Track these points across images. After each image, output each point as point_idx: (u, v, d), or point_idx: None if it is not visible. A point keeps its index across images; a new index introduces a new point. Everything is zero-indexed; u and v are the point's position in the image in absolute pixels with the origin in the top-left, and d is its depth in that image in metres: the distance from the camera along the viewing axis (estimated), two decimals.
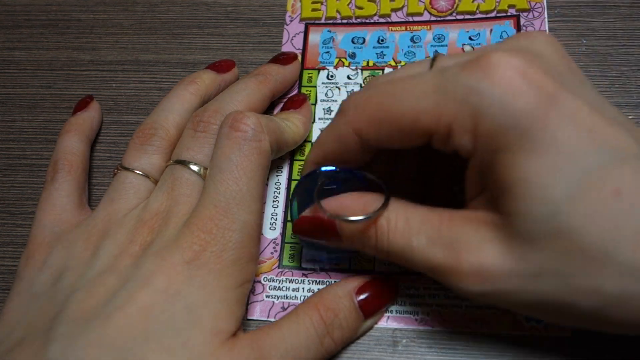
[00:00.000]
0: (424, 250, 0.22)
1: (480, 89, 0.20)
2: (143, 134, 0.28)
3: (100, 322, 0.22)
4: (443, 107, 0.20)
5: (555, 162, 0.19)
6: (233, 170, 0.24)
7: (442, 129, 0.21)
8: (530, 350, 0.25)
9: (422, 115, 0.21)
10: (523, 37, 0.22)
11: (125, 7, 0.37)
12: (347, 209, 0.24)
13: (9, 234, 0.31)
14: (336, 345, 0.25)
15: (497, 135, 0.20)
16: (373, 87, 0.23)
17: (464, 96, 0.20)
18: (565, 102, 0.19)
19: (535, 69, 0.20)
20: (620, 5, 0.33)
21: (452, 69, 0.21)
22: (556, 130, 0.19)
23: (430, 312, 0.27)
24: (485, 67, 0.20)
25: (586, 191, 0.19)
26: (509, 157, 0.19)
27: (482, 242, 0.21)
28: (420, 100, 0.21)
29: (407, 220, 0.23)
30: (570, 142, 0.19)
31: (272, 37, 0.35)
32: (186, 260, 0.23)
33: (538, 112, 0.19)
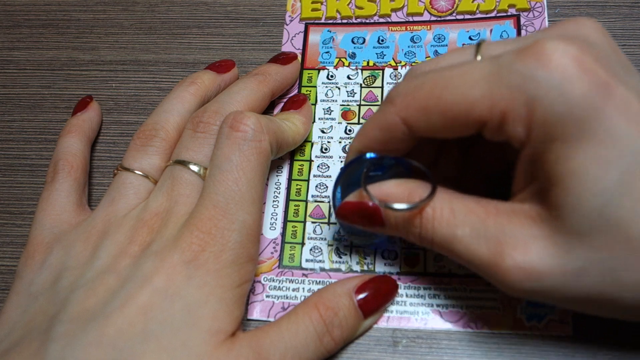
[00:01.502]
0: (469, 243, 0.22)
1: (537, 77, 0.19)
2: (143, 135, 0.28)
3: (99, 322, 0.22)
4: (497, 95, 0.20)
5: (609, 153, 0.19)
6: (233, 170, 0.24)
7: (496, 118, 0.20)
8: (530, 350, 0.25)
9: (476, 104, 0.20)
10: (571, 24, 0.22)
11: (125, 7, 0.37)
12: (394, 196, 0.23)
13: (9, 234, 0.31)
14: (336, 344, 0.25)
15: (552, 124, 0.19)
16: (420, 76, 0.22)
17: (519, 84, 0.20)
18: (618, 93, 0.19)
19: (589, 57, 0.19)
20: (620, 5, 0.33)
21: (505, 56, 0.20)
22: (610, 121, 0.19)
23: (430, 312, 0.27)
24: (541, 55, 0.19)
25: (635, 182, 0.19)
26: (562, 147, 0.19)
27: (528, 237, 0.21)
28: (473, 88, 0.20)
29: (452, 211, 0.22)
30: (624, 134, 0.19)
31: (272, 37, 0.35)
32: (185, 260, 0.23)
33: (593, 102, 0.19)
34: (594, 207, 0.19)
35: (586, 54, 0.19)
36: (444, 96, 0.21)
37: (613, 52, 0.21)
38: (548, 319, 0.26)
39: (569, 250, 0.20)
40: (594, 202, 0.19)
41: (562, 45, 0.19)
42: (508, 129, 0.20)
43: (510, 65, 0.20)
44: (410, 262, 0.28)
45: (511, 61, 0.20)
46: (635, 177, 0.19)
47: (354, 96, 0.32)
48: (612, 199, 0.19)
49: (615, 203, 0.19)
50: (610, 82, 0.19)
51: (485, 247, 0.21)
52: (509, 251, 0.21)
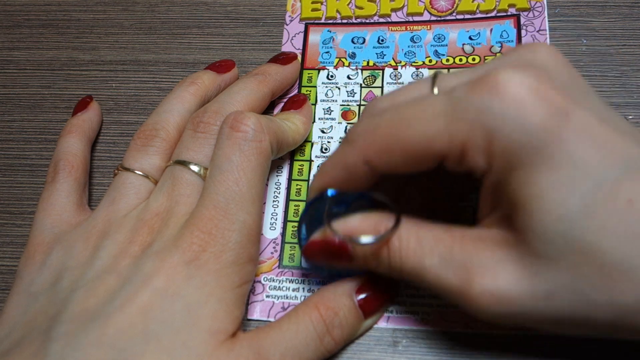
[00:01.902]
0: (437, 272, 0.22)
1: (492, 109, 0.19)
2: (144, 135, 0.28)
3: (99, 322, 0.22)
4: (455, 130, 0.20)
5: (570, 178, 0.19)
6: (233, 170, 0.24)
7: (456, 151, 0.21)
8: (530, 350, 0.25)
9: (435, 139, 0.21)
10: (525, 50, 0.22)
11: (125, 7, 0.37)
12: (359, 230, 0.23)
13: (9, 234, 0.31)
14: (336, 344, 0.25)
15: (511, 153, 0.19)
16: (378, 114, 0.22)
17: (475, 117, 0.20)
18: (576, 117, 0.19)
19: (544, 85, 0.19)
20: (620, 5, 0.33)
21: (459, 89, 0.20)
22: (569, 145, 0.19)
23: (430, 312, 0.27)
24: (495, 86, 0.20)
25: (600, 204, 0.19)
26: (523, 174, 0.19)
27: (495, 263, 0.21)
28: (431, 124, 0.21)
29: (419, 240, 0.22)
30: (584, 157, 0.19)
31: (272, 37, 0.35)
32: (186, 260, 0.23)
33: (551, 128, 0.19)
34: (559, 231, 0.19)
35: (542, 82, 0.19)
36: (403, 134, 0.21)
37: (570, 76, 0.21)
38: None
39: (536, 274, 0.20)
40: (558, 226, 0.19)
41: (516, 75, 0.20)
42: (469, 160, 0.21)
43: (465, 99, 0.20)
44: None
45: (466, 94, 0.20)
46: (599, 198, 0.19)
47: (354, 96, 0.32)
48: (576, 222, 0.19)
49: (579, 226, 0.19)
50: (567, 107, 0.19)
51: (453, 275, 0.21)
52: (477, 278, 0.21)
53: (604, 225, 0.19)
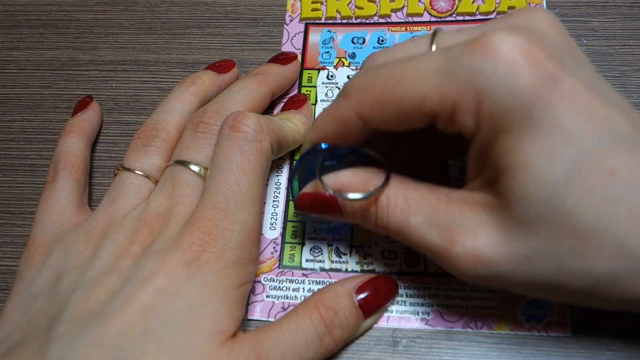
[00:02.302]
0: (421, 230, 0.22)
1: (484, 70, 0.19)
2: (144, 135, 0.28)
3: (100, 322, 0.22)
4: (447, 89, 0.20)
5: (554, 145, 0.19)
6: (233, 170, 0.24)
7: (446, 110, 0.21)
8: (530, 350, 0.25)
9: (427, 97, 0.21)
10: (523, 14, 0.22)
11: (125, 7, 0.37)
12: (349, 185, 0.24)
13: (9, 234, 0.31)
14: (336, 344, 0.25)
15: (499, 116, 0.20)
16: (374, 69, 0.23)
17: (467, 77, 0.20)
18: (565, 84, 0.19)
19: (537, 49, 0.20)
20: (620, 5, 0.33)
21: (455, 49, 0.21)
22: (557, 112, 0.19)
23: (430, 312, 0.27)
24: (488, 47, 0.20)
25: (582, 173, 0.19)
26: (509, 139, 0.20)
27: (477, 225, 0.21)
28: (424, 82, 0.21)
29: (405, 198, 0.23)
30: (570, 125, 0.19)
31: (272, 37, 0.35)
32: (186, 260, 0.23)
33: (540, 93, 0.19)
34: (541, 198, 0.19)
35: (534, 46, 0.20)
36: (397, 90, 0.21)
37: (564, 43, 0.21)
38: (547, 320, 0.26)
39: (516, 238, 0.20)
40: (541, 192, 0.19)
41: (509, 37, 0.20)
42: (458, 120, 0.21)
43: (459, 58, 0.20)
44: (410, 262, 0.28)
45: (460, 54, 0.20)
46: (582, 167, 0.19)
47: None
48: (559, 189, 0.19)
49: (562, 193, 0.19)
50: (557, 73, 0.19)
51: (437, 234, 0.22)
52: (459, 238, 0.21)
53: (585, 193, 0.19)
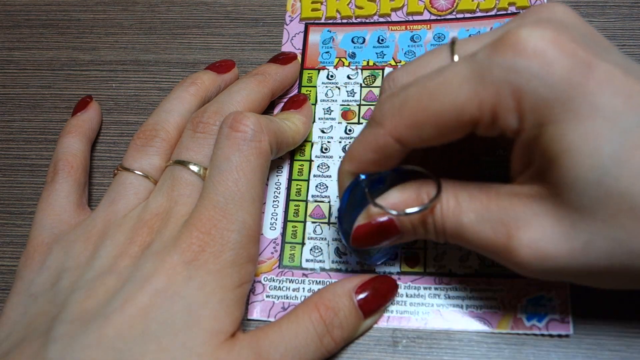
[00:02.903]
0: (475, 228, 0.22)
1: (517, 67, 0.19)
2: (144, 135, 0.28)
3: (99, 322, 0.22)
4: (483, 93, 0.20)
5: (598, 128, 0.19)
6: (232, 171, 0.24)
7: (487, 115, 0.21)
8: (531, 350, 0.25)
9: (465, 107, 0.20)
10: (542, 9, 0.22)
11: (125, 7, 0.37)
12: (402, 202, 0.23)
13: (9, 234, 0.31)
14: (336, 344, 0.25)
15: (540, 109, 0.20)
16: (401, 91, 0.22)
17: (502, 77, 0.20)
18: (599, 68, 0.19)
19: (565, 38, 0.19)
20: (620, 5, 0.33)
21: (482, 53, 0.20)
22: (595, 96, 0.19)
23: (430, 312, 0.27)
24: (516, 44, 0.19)
25: (630, 152, 0.19)
26: (553, 129, 0.19)
27: (531, 217, 0.21)
28: (459, 92, 0.20)
29: (457, 200, 0.23)
30: (609, 107, 0.19)
31: (272, 37, 0.35)
32: (185, 260, 0.23)
33: (576, 81, 0.19)
34: (592, 181, 0.19)
35: (562, 35, 0.20)
36: (432, 107, 0.21)
37: (589, 32, 0.21)
38: (548, 319, 0.26)
39: (572, 225, 0.20)
40: (591, 176, 0.19)
41: (536, 31, 0.20)
42: (500, 122, 0.21)
43: (489, 61, 0.20)
44: (410, 262, 0.28)
45: (489, 56, 0.20)
46: (628, 146, 0.19)
47: (354, 96, 0.32)
48: (608, 171, 0.19)
49: (612, 174, 0.19)
50: (590, 59, 0.19)
51: (491, 230, 0.22)
52: (514, 232, 0.21)
53: (636, 172, 0.19)
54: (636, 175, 0.19)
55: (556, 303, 0.26)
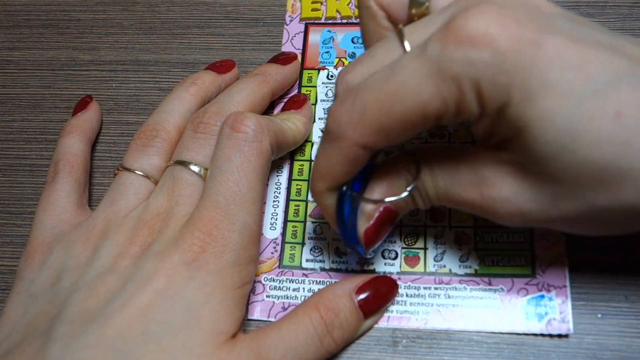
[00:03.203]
0: (452, 191, 0.23)
1: (472, 59, 0.19)
2: (144, 135, 0.28)
3: (99, 322, 0.22)
4: (445, 90, 0.20)
5: (553, 105, 0.19)
6: (233, 171, 0.24)
7: (451, 109, 0.21)
8: (530, 350, 0.25)
9: (429, 105, 0.21)
10: None
11: (125, 7, 0.37)
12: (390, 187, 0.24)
13: (9, 234, 0.31)
14: (336, 345, 0.25)
15: (499, 95, 0.20)
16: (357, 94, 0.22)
17: (460, 72, 0.20)
18: (548, 44, 0.19)
19: (509, 20, 0.20)
20: (620, 5, 0.33)
21: (433, 47, 0.20)
22: (547, 74, 0.19)
23: (430, 312, 0.27)
24: (466, 36, 0.20)
25: (586, 123, 0.19)
26: (513, 110, 0.20)
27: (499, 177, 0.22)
28: (421, 92, 0.20)
29: (430, 167, 0.24)
30: (562, 82, 0.19)
31: (272, 37, 0.35)
32: (186, 261, 0.23)
33: (527, 62, 0.19)
34: (552, 154, 0.20)
35: (505, 18, 0.20)
36: (395, 111, 0.21)
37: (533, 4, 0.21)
38: (548, 319, 0.26)
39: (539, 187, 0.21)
40: (550, 150, 0.20)
41: (480, 19, 0.20)
42: (464, 113, 0.21)
43: (444, 55, 0.20)
44: (410, 262, 0.28)
45: (442, 50, 0.20)
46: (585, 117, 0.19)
47: None
48: (566, 143, 0.19)
49: (570, 147, 0.19)
50: (537, 37, 0.19)
51: (465, 191, 0.23)
52: (486, 191, 0.22)
53: (594, 141, 0.19)
54: (593, 144, 0.19)
55: (556, 303, 0.26)
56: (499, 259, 0.27)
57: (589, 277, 0.27)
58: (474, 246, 0.28)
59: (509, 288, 0.27)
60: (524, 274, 0.27)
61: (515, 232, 0.28)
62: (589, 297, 0.26)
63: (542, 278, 0.26)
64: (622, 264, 0.27)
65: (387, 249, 0.28)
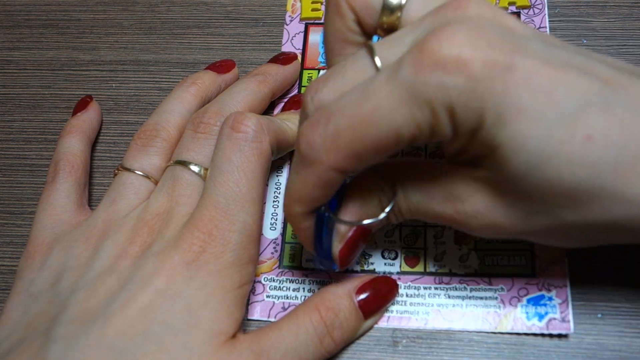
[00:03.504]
0: (424, 206, 0.24)
1: (446, 85, 0.19)
2: (144, 135, 0.28)
3: (99, 323, 0.22)
4: (419, 115, 0.20)
5: (524, 129, 0.19)
6: (233, 171, 0.24)
7: (425, 132, 0.21)
8: (530, 350, 0.25)
9: (402, 129, 0.20)
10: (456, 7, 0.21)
11: (125, 7, 0.37)
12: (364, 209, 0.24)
13: (9, 234, 0.31)
14: (336, 345, 0.25)
15: (472, 119, 0.20)
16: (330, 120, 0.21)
17: (434, 97, 0.20)
18: (519, 68, 0.19)
19: (483, 43, 0.19)
20: (620, 5, 0.33)
21: (406, 70, 0.20)
22: (518, 99, 0.19)
23: (430, 312, 0.27)
24: (439, 60, 0.19)
25: (556, 146, 0.19)
26: (485, 133, 0.20)
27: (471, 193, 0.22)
28: (394, 117, 0.20)
29: (400, 184, 0.24)
30: (532, 106, 0.19)
31: (272, 37, 0.35)
32: (186, 261, 0.23)
33: (499, 87, 0.19)
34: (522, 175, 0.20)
35: (480, 40, 0.19)
36: (369, 136, 0.21)
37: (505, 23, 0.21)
38: (548, 319, 0.26)
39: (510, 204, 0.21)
40: (521, 171, 0.20)
41: (454, 41, 0.19)
42: (437, 135, 0.21)
43: (415, 80, 0.20)
44: (410, 262, 0.28)
45: (415, 75, 0.20)
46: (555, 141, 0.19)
47: None
48: (537, 166, 0.20)
49: (540, 169, 0.20)
50: (509, 60, 0.19)
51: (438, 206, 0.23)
52: (459, 206, 0.22)
53: (563, 164, 0.19)
54: (564, 165, 0.19)
55: (556, 303, 0.26)
56: (499, 258, 0.27)
57: (589, 277, 0.27)
58: (473, 246, 0.28)
59: (509, 288, 0.27)
60: (524, 274, 0.27)
61: None
62: (589, 297, 0.26)
63: (542, 278, 0.26)
64: (622, 264, 0.27)
65: (387, 249, 0.28)
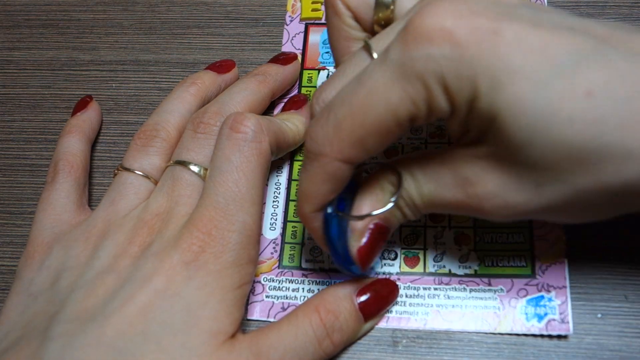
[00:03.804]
0: (438, 196, 0.23)
1: (433, 55, 0.19)
2: (144, 135, 0.28)
3: (98, 322, 0.22)
4: (412, 90, 0.20)
5: (520, 90, 0.19)
6: (233, 171, 0.24)
7: (423, 107, 0.21)
8: (530, 350, 0.25)
9: (399, 108, 0.20)
10: None
11: (125, 7, 0.37)
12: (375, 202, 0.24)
13: (9, 234, 0.31)
14: (335, 347, 0.25)
15: (466, 87, 0.20)
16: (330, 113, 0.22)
17: (423, 69, 0.20)
18: (507, 31, 0.19)
19: (465, 11, 0.20)
20: (620, 5, 0.33)
21: (394, 50, 0.20)
22: (509, 60, 0.19)
23: (430, 312, 0.27)
24: (424, 33, 0.19)
25: (557, 104, 0.19)
26: (482, 101, 0.20)
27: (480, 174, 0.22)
28: (389, 97, 0.20)
29: (412, 176, 0.24)
30: (526, 66, 0.19)
31: (272, 37, 0.35)
32: (185, 261, 0.23)
33: (487, 52, 0.19)
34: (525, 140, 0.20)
35: (461, 11, 0.20)
36: (368, 120, 0.21)
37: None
38: (547, 320, 0.26)
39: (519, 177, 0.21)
40: (523, 136, 0.19)
41: (438, 12, 0.19)
42: (435, 111, 0.21)
43: (404, 56, 0.20)
44: (410, 262, 0.28)
45: (403, 51, 0.20)
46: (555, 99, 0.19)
47: None
48: (538, 127, 0.19)
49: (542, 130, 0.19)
50: (494, 25, 0.19)
51: (450, 193, 0.23)
52: (470, 190, 0.22)
53: (565, 122, 0.19)
54: (566, 124, 0.19)
55: (556, 303, 0.26)
56: (499, 259, 0.27)
57: (589, 277, 0.27)
58: (473, 247, 0.28)
59: (508, 288, 0.27)
60: (524, 275, 0.27)
61: (515, 232, 0.28)
62: (589, 297, 0.26)
63: (541, 278, 0.26)
64: (622, 264, 0.27)
65: (387, 249, 0.28)
